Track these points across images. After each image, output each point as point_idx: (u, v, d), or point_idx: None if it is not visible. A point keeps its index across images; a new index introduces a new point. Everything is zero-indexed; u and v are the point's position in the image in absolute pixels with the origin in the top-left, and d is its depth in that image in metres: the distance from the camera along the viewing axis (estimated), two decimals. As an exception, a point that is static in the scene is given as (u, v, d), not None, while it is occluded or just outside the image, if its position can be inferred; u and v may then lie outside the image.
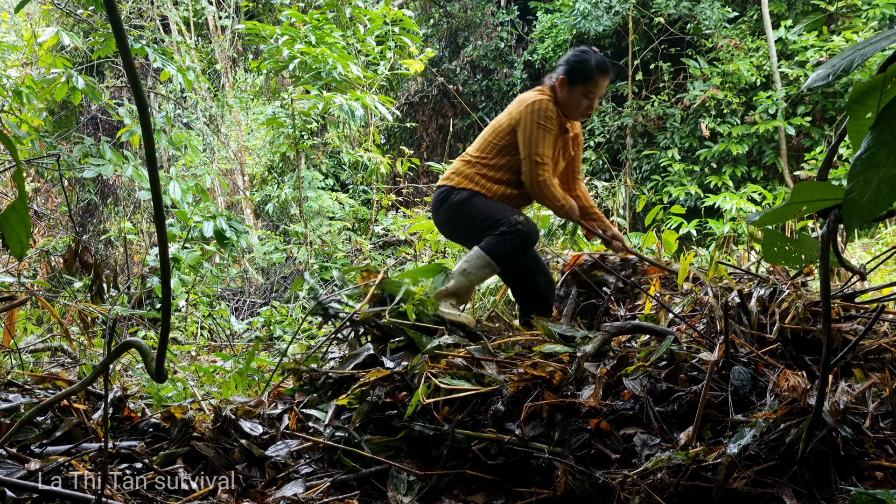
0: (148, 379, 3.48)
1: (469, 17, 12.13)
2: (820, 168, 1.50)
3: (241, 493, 2.09)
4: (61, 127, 9.30)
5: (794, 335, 2.40)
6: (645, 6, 10.42)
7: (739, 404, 2.06)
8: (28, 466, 2.00)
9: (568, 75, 3.10)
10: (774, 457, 1.80)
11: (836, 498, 1.77)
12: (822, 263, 1.49)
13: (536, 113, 3.02)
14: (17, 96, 5.22)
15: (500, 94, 11.93)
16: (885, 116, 1.07)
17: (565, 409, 2.07)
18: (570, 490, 1.84)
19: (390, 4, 7.80)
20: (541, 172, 3.01)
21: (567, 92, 3.11)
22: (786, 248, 1.70)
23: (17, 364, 3.64)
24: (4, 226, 1.19)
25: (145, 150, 1.34)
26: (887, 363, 2.28)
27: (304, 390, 2.65)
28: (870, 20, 8.93)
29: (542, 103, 3.04)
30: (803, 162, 9.02)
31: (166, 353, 1.61)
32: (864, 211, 1.08)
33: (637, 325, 2.52)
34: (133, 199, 9.18)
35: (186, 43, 9.01)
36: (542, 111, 3.03)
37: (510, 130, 3.09)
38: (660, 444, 1.96)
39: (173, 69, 5.38)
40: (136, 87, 1.29)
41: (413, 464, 2.10)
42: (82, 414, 2.42)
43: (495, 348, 2.54)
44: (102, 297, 4.13)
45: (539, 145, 3.01)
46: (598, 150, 10.63)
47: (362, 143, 8.96)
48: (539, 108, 3.02)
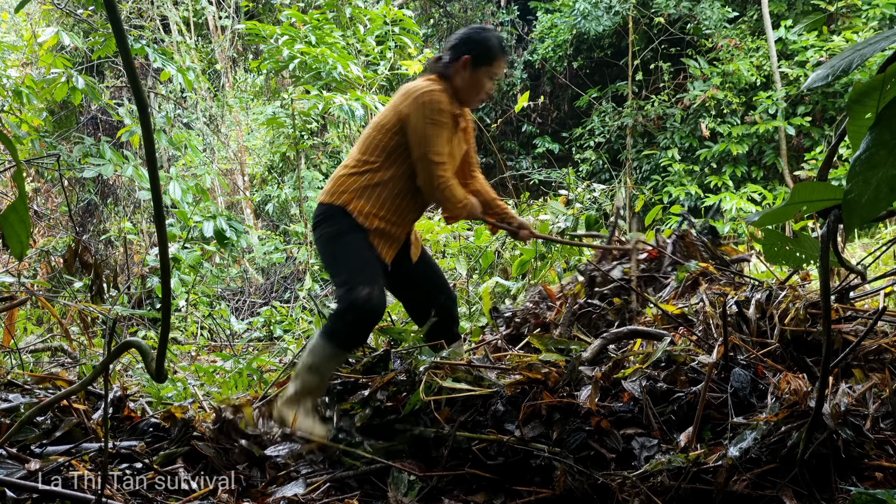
0: (148, 379, 3.48)
1: (469, 17, 12.13)
2: (820, 168, 1.50)
3: (242, 493, 2.09)
4: (61, 127, 9.30)
5: (795, 336, 2.40)
6: (645, 6, 10.42)
7: (739, 406, 2.06)
8: (28, 466, 2.00)
9: (473, 56, 2.71)
10: (775, 459, 1.80)
11: (836, 498, 1.77)
12: (821, 263, 1.49)
13: (427, 107, 2.60)
14: (17, 96, 5.22)
15: (500, 94, 11.93)
16: (885, 117, 1.07)
17: (564, 409, 2.07)
18: (569, 490, 1.84)
19: (390, 4, 7.79)
20: (440, 174, 2.62)
21: (470, 75, 2.71)
22: (786, 248, 1.70)
23: (17, 364, 3.64)
24: (4, 226, 1.19)
25: (145, 150, 1.34)
26: (887, 363, 2.28)
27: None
28: (870, 20, 8.93)
29: (433, 94, 2.62)
30: (803, 162, 9.02)
31: (166, 353, 1.61)
32: (864, 211, 1.08)
33: (634, 331, 2.52)
34: (133, 199, 9.18)
35: (186, 43, 9.01)
36: (434, 104, 2.61)
37: (399, 128, 2.65)
38: (658, 445, 1.96)
39: (173, 69, 5.38)
40: (136, 87, 1.29)
41: (413, 464, 2.11)
42: (82, 414, 2.43)
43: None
44: (102, 297, 4.13)
45: (434, 143, 2.60)
46: (598, 150, 10.63)
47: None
48: (430, 101, 2.61)
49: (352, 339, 2.57)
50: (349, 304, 2.50)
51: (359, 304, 2.49)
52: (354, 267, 2.59)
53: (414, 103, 2.61)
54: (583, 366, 2.29)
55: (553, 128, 11.97)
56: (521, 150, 12.04)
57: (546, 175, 10.43)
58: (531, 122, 11.79)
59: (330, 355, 2.52)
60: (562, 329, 2.92)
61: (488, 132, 11.28)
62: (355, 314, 2.50)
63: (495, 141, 11.65)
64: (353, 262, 2.59)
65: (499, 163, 10.40)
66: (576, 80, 11.44)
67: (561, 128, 11.89)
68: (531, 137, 11.86)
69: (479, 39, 2.73)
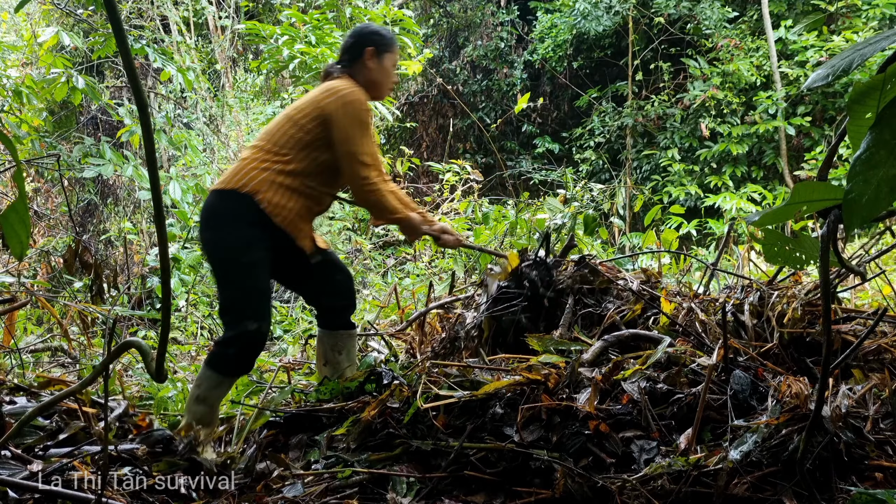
0: (148, 379, 3.48)
1: (469, 17, 12.12)
2: (820, 168, 1.50)
3: (241, 494, 2.09)
4: (61, 127, 9.30)
5: (794, 337, 2.40)
6: (645, 6, 10.42)
7: (739, 408, 2.06)
8: (30, 467, 2.01)
9: (377, 47, 2.71)
10: (776, 463, 1.80)
11: (836, 499, 1.77)
12: (821, 263, 1.49)
13: (354, 106, 2.57)
14: (17, 96, 5.22)
15: (500, 94, 11.93)
16: (885, 116, 1.07)
17: (563, 412, 2.07)
18: (569, 493, 1.83)
19: (390, 4, 7.79)
20: (366, 174, 2.56)
21: (377, 65, 2.72)
22: (786, 248, 1.70)
23: (17, 364, 3.64)
24: (4, 226, 1.19)
25: (145, 150, 1.34)
26: (887, 364, 2.29)
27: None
28: (870, 20, 8.93)
29: (358, 95, 2.60)
30: (803, 162, 9.02)
31: (166, 353, 1.61)
32: (864, 211, 1.08)
33: (635, 334, 2.52)
34: (133, 199, 9.17)
35: (186, 43, 9.00)
36: (361, 104, 2.59)
37: (319, 125, 2.58)
38: (658, 447, 1.96)
39: (173, 69, 5.38)
40: (136, 87, 1.29)
41: (412, 466, 2.10)
42: (91, 418, 2.43)
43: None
44: (102, 297, 4.13)
45: (362, 143, 2.54)
46: (598, 150, 10.63)
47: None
48: (357, 101, 2.58)
49: (238, 368, 2.56)
50: (236, 337, 2.48)
51: (246, 338, 2.48)
52: (245, 295, 2.52)
53: (339, 101, 2.56)
54: (583, 367, 2.29)
55: (553, 128, 11.97)
56: (521, 150, 12.04)
57: (546, 175, 10.43)
58: (531, 122, 11.79)
59: (216, 384, 2.51)
60: (562, 330, 2.89)
61: (488, 132, 11.28)
62: (241, 346, 2.49)
63: (495, 141, 11.64)
64: (245, 289, 2.51)
65: (499, 163, 10.40)
66: (576, 80, 11.43)
67: (561, 128, 11.89)
68: (531, 137, 11.86)
69: (373, 31, 2.79)
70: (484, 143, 11.74)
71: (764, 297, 2.57)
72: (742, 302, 2.59)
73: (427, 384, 2.25)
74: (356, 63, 2.73)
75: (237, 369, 2.57)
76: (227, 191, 2.56)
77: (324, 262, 2.82)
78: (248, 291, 2.52)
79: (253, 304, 2.52)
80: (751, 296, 2.60)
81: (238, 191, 2.53)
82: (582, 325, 2.81)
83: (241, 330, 2.48)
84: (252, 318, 2.49)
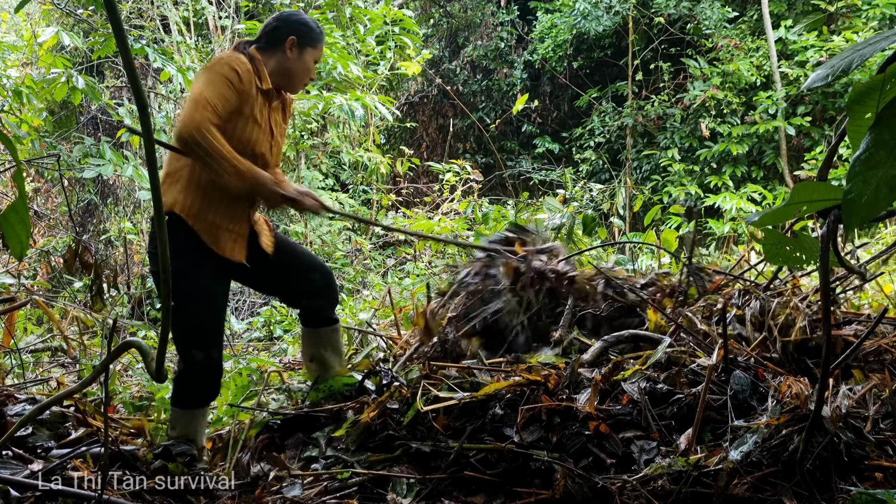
0: (148, 379, 3.48)
1: (469, 17, 12.12)
2: (820, 168, 1.50)
3: (241, 494, 2.09)
4: (61, 127, 9.30)
5: (795, 341, 2.40)
6: (645, 6, 10.42)
7: (739, 409, 2.06)
8: (31, 467, 2.01)
9: (301, 38, 2.52)
10: (777, 463, 1.80)
11: (836, 499, 1.77)
12: (821, 263, 1.49)
13: (214, 63, 2.36)
14: (17, 96, 5.22)
15: (500, 94, 11.93)
16: (885, 117, 1.07)
17: (563, 413, 2.07)
18: (569, 493, 1.83)
19: (390, 4, 7.79)
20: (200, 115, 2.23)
21: (297, 57, 2.53)
22: (786, 248, 1.70)
23: (17, 364, 3.64)
24: (4, 226, 1.19)
25: (145, 150, 1.34)
26: (887, 364, 2.28)
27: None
28: (870, 20, 8.93)
29: (228, 56, 2.40)
30: (803, 162, 9.02)
31: (166, 353, 1.61)
32: (864, 211, 1.08)
33: (635, 335, 2.52)
34: (133, 199, 9.17)
35: (186, 43, 9.00)
36: (224, 60, 2.36)
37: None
38: (658, 447, 1.96)
39: (173, 69, 5.38)
40: (136, 87, 1.29)
41: (412, 467, 2.10)
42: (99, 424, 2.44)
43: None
44: (102, 298, 4.13)
45: (205, 88, 2.28)
46: (598, 150, 10.63)
47: (362, 143, 8.96)
48: (219, 59, 2.38)
49: (202, 399, 2.50)
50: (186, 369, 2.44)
51: (195, 371, 2.43)
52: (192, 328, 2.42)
53: (208, 64, 2.39)
54: (582, 368, 2.29)
55: (553, 128, 11.97)
56: (521, 150, 12.04)
57: (545, 175, 10.43)
58: (531, 122, 11.79)
59: (189, 419, 2.47)
60: (562, 330, 2.88)
61: (488, 132, 11.28)
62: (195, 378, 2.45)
63: (495, 141, 11.64)
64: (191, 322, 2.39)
65: (499, 163, 10.40)
66: (576, 80, 11.44)
67: (561, 128, 11.89)
68: (531, 137, 11.86)
69: (298, 20, 2.57)
70: (484, 143, 11.74)
71: (764, 306, 2.57)
72: (742, 309, 2.59)
73: (427, 386, 2.25)
74: (273, 48, 2.53)
75: (202, 400, 2.51)
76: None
77: (291, 261, 2.69)
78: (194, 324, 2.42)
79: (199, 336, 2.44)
80: (751, 304, 2.60)
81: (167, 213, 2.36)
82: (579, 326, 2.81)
83: (189, 360, 2.43)
84: (197, 347, 2.43)
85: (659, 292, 3.01)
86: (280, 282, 2.72)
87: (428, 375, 2.35)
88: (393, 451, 2.15)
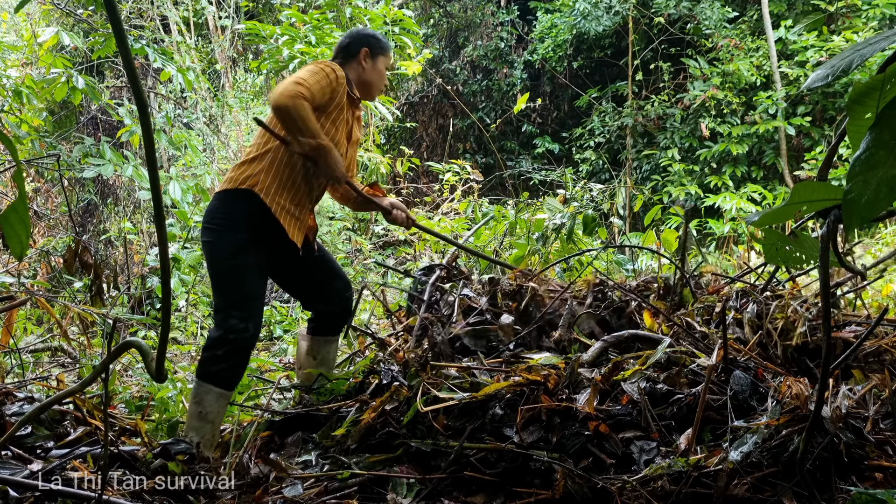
0: (148, 379, 3.48)
1: (469, 17, 12.12)
2: (820, 168, 1.50)
3: (241, 494, 2.09)
4: (61, 127, 9.30)
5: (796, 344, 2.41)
6: (645, 6, 10.42)
7: (739, 409, 2.06)
8: (31, 467, 2.01)
9: (372, 48, 2.78)
10: (777, 463, 1.80)
11: (836, 499, 1.77)
12: (821, 263, 1.49)
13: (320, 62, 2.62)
14: (17, 96, 5.22)
15: (500, 94, 11.93)
16: (885, 117, 1.07)
17: (563, 413, 2.07)
18: (569, 494, 1.83)
19: (390, 4, 7.79)
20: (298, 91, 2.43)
21: (371, 66, 2.79)
22: (786, 248, 1.70)
23: (17, 364, 3.64)
24: (4, 226, 1.19)
25: (145, 150, 1.34)
26: (887, 364, 2.28)
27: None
28: (870, 20, 8.93)
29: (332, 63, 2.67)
30: (803, 162, 9.02)
31: (166, 353, 1.61)
32: (864, 211, 1.08)
33: (634, 335, 2.52)
34: (133, 199, 9.17)
35: (186, 43, 9.00)
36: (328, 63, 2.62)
37: None
38: (657, 447, 1.96)
39: (173, 69, 5.38)
40: (136, 87, 1.29)
41: (411, 468, 2.10)
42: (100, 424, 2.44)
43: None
44: (102, 298, 4.13)
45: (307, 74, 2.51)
46: (598, 150, 10.63)
47: (362, 143, 8.96)
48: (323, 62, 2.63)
49: (230, 373, 2.53)
50: (222, 336, 2.49)
51: (233, 336, 2.48)
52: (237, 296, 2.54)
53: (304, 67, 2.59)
54: (582, 368, 2.28)
55: (553, 128, 11.97)
56: (521, 150, 12.04)
57: (545, 175, 10.43)
58: (531, 122, 11.79)
59: (216, 398, 2.50)
60: (562, 331, 2.88)
61: (488, 132, 11.28)
62: (228, 347, 2.48)
63: (495, 141, 11.64)
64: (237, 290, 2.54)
65: (499, 163, 10.40)
66: (576, 80, 11.43)
67: (561, 128, 11.89)
68: (531, 137, 11.86)
69: (368, 34, 2.83)
70: (484, 143, 11.74)
71: (762, 310, 2.57)
72: (740, 313, 2.59)
73: (427, 386, 2.25)
74: (350, 61, 2.79)
75: (230, 375, 2.53)
76: (225, 191, 2.61)
77: (323, 265, 2.84)
78: (239, 292, 2.55)
79: (242, 305, 2.54)
80: (749, 307, 2.60)
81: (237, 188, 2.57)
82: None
83: (227, 327, 2.49)
84: (238, 318, 2.50)
85: (652, 295, 3.02)
86: (307, 281, 2.86)
87: (428, 374, 2.35)
88: (393, 451, 2.15)
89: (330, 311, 2.90)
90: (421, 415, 2.17)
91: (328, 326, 2.92)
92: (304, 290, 2.94)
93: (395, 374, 2.54)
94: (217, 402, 2.51)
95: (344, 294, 2.90)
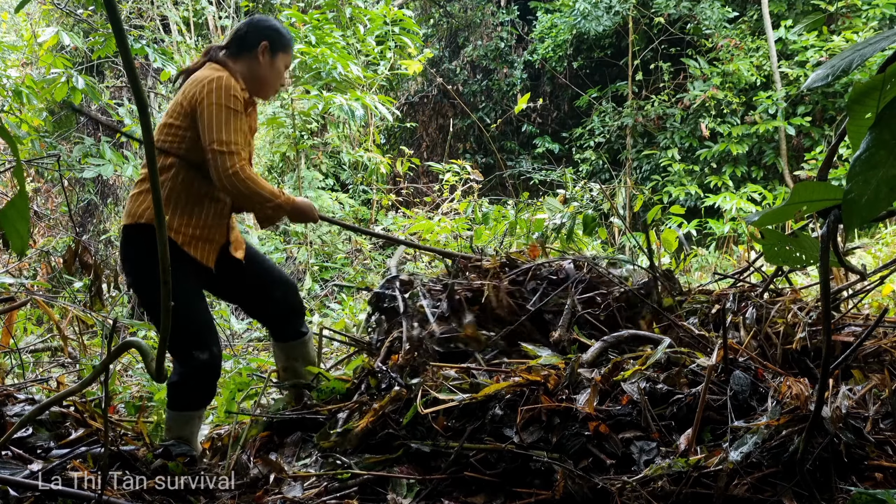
0: (148, 379, 3.48)
1: (469, 17, 12.12)
2: (820, 168, 1.50)
3: (241, 494, 2.09)
4: (61, 127, 9.30)
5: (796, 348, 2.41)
6: (645, 6, 10.42)
7: (739, 409, 2.06)
8: (31, 467, 2.01)
9: (273, 43, 2.55)
10: (777, 464, 1.80)
11: (836, 499, 1.77)
12: (821, 263, 1.49)
13: (219, 91, 2.36)
14: (17, 96, 5.22)
15: (500, 94, 11.93)
16: (885, 117, 1.07)
17: (563, 413, 2.07)
18: (569, 494, 1.83)
19: (390, 4, 7.79)
20: (232, 163, 2.32)
21: (269, 62, 2.55)
22: (786, 248, 1.70)
23: (17, 364, 3.64)
24: (4, 222, 1.18)
25: (145, 150, 1.34)
26: (887, 364, 2.28)
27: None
28: (870, 20, 8.93)
29: (226, 80, 2.39)
30: (803, 162, 9.02)
31: (166, 353, 1.61)
32: (864, 211, 1.08)
33: (634, 335, 2.51)
34: (133, 199, 9.15)
35: (186, 43, 9.00)
36: (228, 89, 2.37)
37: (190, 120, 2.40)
38: (657, 448, 1.96)
39: (173, 69, 5.38)
40: (136, 87, 1.29)
41: (412, 468, 2.10)
42: (102, 425, 2.44)
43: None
44: (102, 298, 4.13)
45: (225, 131, 2.33)
46: (598, 150, 10.63)
47: (362, 143, 8.96)
48: (223, 87, 2.37)
49: (201, 400, 2.50)
50: (186, 373, 2.42)
51: (196, 372, 2.42)
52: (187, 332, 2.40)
53: (205, 89, 2.37)
54: (582, 368, 2.28)
55: (553, 128, 11.97)
56: (521, 150, 12.04)
57: (545, 175, 10.43)
58: (531, 122, 11.79)
59: (186, 421, 2.47)
60: (561, 331, 2.87)
61: (488, 132, 11.28)
62: (197, 379, 2.44)
63: (495, 141, 11.64)
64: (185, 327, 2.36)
65: (499, 163, 10.40)
66: (576, 80, 11.44)
67: (561, 128, 11.89)
68: (531, 137, 11.86)
69: (272, 25, 2.59)
70: (484, 143, 11.74)
71: (761, 314, 2.57)
72: (738, 316, 2.59)
73: (426, 388, 2.25)
74: (244, 54, 2.55)
75: (201, 401, 2.51)
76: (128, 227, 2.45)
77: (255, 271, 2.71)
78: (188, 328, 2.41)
79: (196, 338, 2.44)
80: (747, 311, 2.60)
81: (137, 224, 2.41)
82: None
83: (191, 365, 2.42)
84: (198, 349, 2.42)
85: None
86: (245, 292, 2.75)
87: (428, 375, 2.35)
88: (393, 452, 2.15)
89: (277, 315, 2.77)
90: (421, 415, 2.17)
91: (282, 331, 2.79)
92: (242, 300, 2.83)
93: (394, 376, 2.54)
94: (189, 424, 2.48)
95: (288, 296, 2.76)
